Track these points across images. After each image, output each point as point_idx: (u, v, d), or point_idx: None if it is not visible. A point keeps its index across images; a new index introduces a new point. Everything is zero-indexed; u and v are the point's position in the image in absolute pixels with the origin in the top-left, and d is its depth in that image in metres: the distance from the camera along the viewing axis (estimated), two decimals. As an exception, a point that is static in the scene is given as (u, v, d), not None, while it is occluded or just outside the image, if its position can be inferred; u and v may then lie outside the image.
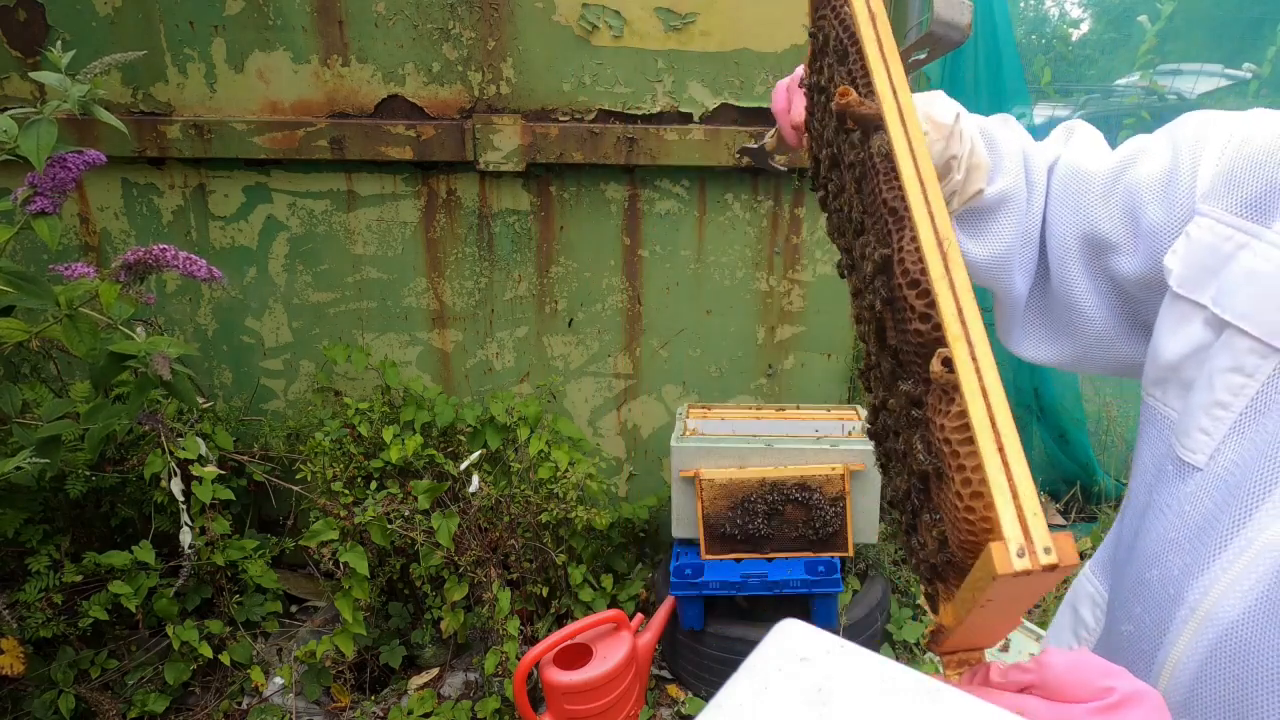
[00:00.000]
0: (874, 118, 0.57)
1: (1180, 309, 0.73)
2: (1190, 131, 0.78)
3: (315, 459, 2.36)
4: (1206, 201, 0.73)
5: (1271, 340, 0.65)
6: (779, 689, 0.52)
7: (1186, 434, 0.71)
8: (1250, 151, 0.70)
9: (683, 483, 2.26)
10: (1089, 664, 0.55)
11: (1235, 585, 0.65)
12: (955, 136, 0.82)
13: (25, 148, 1.15)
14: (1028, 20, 4.42)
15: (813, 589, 2.20)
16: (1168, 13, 3.41)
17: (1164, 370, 0.76)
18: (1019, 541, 0.45)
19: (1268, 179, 0.68)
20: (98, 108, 1.21)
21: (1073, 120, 0.94)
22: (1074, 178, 0.86)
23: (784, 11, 2.32)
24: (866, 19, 0.61)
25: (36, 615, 2.09)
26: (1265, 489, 0.64)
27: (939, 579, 0.58)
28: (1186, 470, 0.71)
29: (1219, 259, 0.70)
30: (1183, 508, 0.71)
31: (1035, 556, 0.44)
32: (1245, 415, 0.67)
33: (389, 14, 2.34)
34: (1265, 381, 0.65)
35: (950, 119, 0.82)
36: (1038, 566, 0.44)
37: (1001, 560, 0.44)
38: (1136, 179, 0.80)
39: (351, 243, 2.59)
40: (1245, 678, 0.63)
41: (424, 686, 2.48)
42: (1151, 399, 0.78)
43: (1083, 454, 3.26)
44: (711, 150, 2.39)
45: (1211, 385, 0.68)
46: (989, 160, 0.84)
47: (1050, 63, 4.10)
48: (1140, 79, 3.65)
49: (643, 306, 2.65)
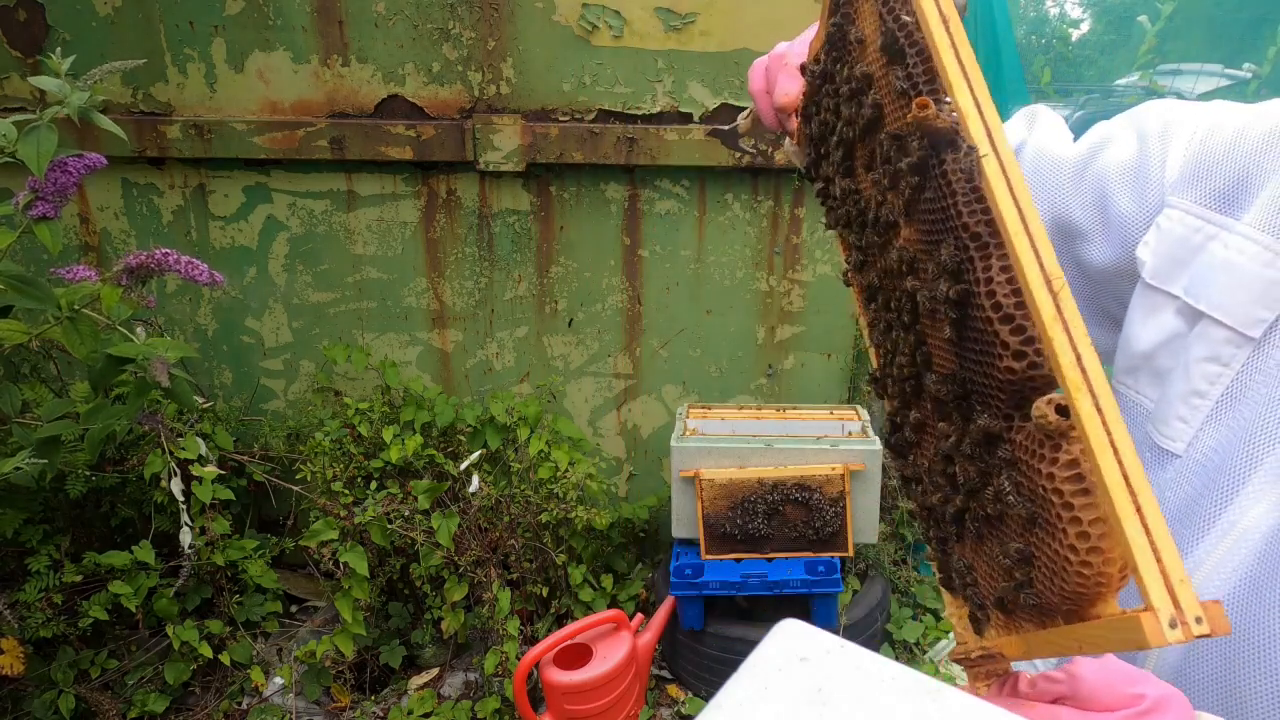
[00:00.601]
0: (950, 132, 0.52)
1: (1152, 299, 0.75)
2: (1155, 121, 0.78)
3: (315, 459, 2.36)
4: (1175, 193, 0.74)
5: (1246, 330, 0.66)
6: (779, 689, 0.52)
7: (1165, 422, 0.73)
8: (1216, 144, 0.72)
9: (683, 483, 2.26)
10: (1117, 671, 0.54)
11: (1220, 567, 0.67)
12: None
13: (25, 155, 1.14)
14: (1028, 20, 4.42)
15: (813, 589, 2.20)
16: (1168, 13, 3.41)
17: (1136, 359, 0.77)
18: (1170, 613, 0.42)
19: (1234, 171, 0.70)
20: (98, 115, 1.21)
21: (1034, 105, 0.93)
22: (1044, 162, 0.87)
23: (784, 11, 2.32)
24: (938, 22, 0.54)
25: (36, 615, 2.09)
26: (1245, 474, 0.66)
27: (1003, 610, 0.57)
28: (1165, 457, 0.73)
29: (1189, 250, 0.71)
30: (1163, 494, 0.72)
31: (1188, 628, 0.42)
32: (1222, 402, 0.69)
33: (389, 14, 2.34)
34: (1240, 369, 0.67)
35: None
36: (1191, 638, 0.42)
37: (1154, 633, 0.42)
38: (1105, 166, 0.81)
39: (351, 243, 2.59)
40: (1232, 657, 0.65)
41: (424, 686, 2.48)
42: (1124, 387, 0.79)
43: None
44: (711, 150, 2.39)
45: (1188, 374, 0.70)
46: None
47: (1050, 63, 4.10)
48: (1140, 79, 3.65)
49: (643, 306, 2.65)
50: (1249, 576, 0.65)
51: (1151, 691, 0.53)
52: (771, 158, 2.40)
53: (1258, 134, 0.70)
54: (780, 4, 2.31)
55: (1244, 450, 0.67)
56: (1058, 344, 0.46)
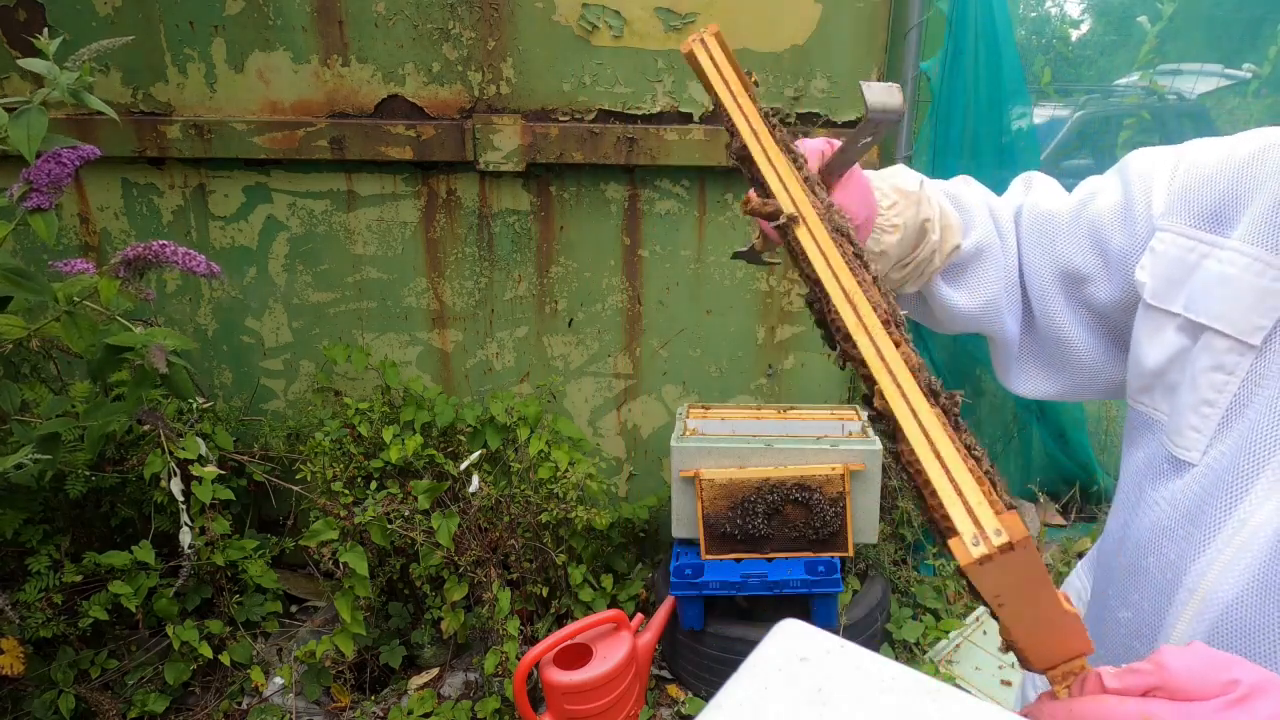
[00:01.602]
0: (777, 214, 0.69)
1: (1154, 319, 0.79)
2: (1136, 166, 0.85)
3: (315, 459, 2.36)
4: (1165, 219, 0.80)
5: (1247, 338, 0.71)
6: (779, 689, 0.52)
7: (1179, 433, 0.76)
8: (1200, 171, 0.78)
9: (683, 483, 2.26)
10: (1207, 657, 0.53)
11: (1231, 566, 0.69)
12: (924, 201, 0.89)
13: (14, 136, 1.14)
14: (1028, 20, 4.42)
15: (813, 589, 2.20)
16: (1168, 13, 3.41)
17: (1148, 378, 0.81)
18: (972, 531, 0.48)
19: (1219, 192, 0.76)
20: (89, 95, 1.20)
21: (1030, 172, 1.01)
22: (1040, 219, 0.93)
23: (784, 11, 2.32)
24: (750, 137, 0.73)
25: (36, 615, 2.09)
26: (1252, 475, 0.69)
27: None
28: (1181, 466, 0.76)
29: (1184, 269, 0.77)
30: (1175, 499, 0.75)
31: (989, 540, 0.47)
32: (1231, 410, 0.72)
33: (389, 14, 2.34)
34: (1245, 376, 0.71)
35: (915, 186, 0.90)
36: (994, 549, 0.47)
37: (962, 554, 0.47)
38: (1098, 212, 0.87)
39: (351, 243, 2.59)
40: (1245, 652, 0.66)
41: (424, 686, 2.48)
42: (1141, 405, 0.83)
43: (1083, 454, 3.26)
44: (711, 150, 2.39)
45: (1196, 385, 0.74)
46: (960, 218, 0.93)
47: (1050, 63, 4.10)
48: (1140, 79, 3.65)
49: (643, 306, 2.65)
50: (1259, 574, 0.67)
51: (1247, 677, 0.52)
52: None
53: (1240, 157, 0.75)
54: (780, 4, 2.31)
55: (1250, 453, 0.70)
56: (861, 344, 0.59)
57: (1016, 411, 3.17)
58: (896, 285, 0.94)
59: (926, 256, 0.91)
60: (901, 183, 0.90)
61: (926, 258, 0.91)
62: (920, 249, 0.90)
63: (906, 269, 0.92)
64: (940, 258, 0.91)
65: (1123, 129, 3.64)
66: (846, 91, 2.40)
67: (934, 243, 0.90)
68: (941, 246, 0.91)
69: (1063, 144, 4.13)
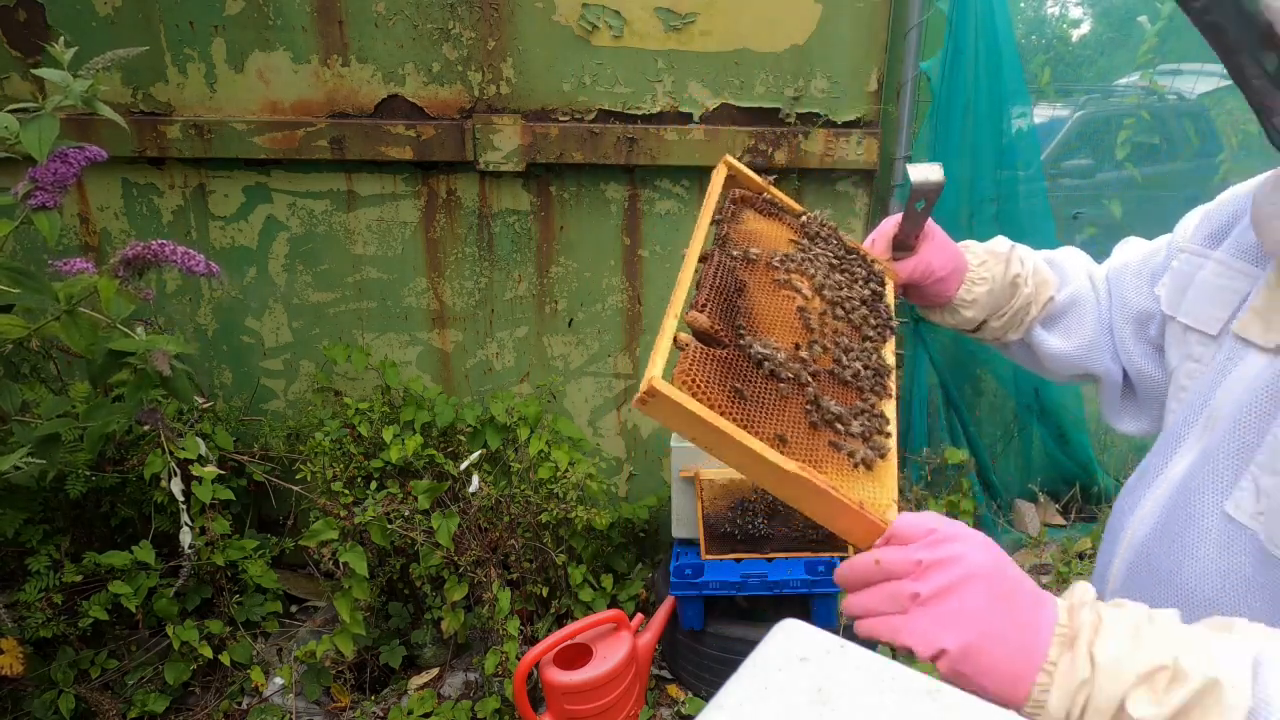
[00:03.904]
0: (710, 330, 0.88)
1: (1172, 329, 0.94)
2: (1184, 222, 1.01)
3: (315, 459, 2.36)
4: (1186, 242, 0.95)
5: (1208, 329, 0.86)
6: (779, 689, 0.52)
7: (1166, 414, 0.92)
8: (1222, 199, 0.93)
9: (683, 483, 2.26)
10: (920, 517, 0.71)
11: (1150, 513, 0.85)
12: (1013, 260, 1.09)
13: (27, 141, 1.14)
14: (1028, 20, 4.42)
15: (813, 589, 2.20)
16: (1168, 13, 3.41)
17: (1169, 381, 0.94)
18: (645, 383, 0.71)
19: (1227, 215, 0.91)
20: (100, 104, 1.21)
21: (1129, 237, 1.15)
22: (1118, 271, 1.09)
23: (784, 11, 2.32)
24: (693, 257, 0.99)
25: (36, 615, 2.09)
26: (1184, 435, 0.84)
27: None
28: None
29: (1186, 280, 0.92)
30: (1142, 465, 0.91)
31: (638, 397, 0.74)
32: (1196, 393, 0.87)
33: (389, 14, 2.34)
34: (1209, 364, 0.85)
35: (1006, 249, 1.10)
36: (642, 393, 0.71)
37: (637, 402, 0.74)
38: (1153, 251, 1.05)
39: (351, 243, 2.59)
40: (1152, 587, 0.82)
41: (424, 686, 2.48)
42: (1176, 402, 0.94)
43: (1083, 454, 3.25)
44: (711, 150, 2.39)
45: (1177, 374, 0.90)
46: (1055, 275, 1.12)
47: (1050, 63, 4.10)
48: (1140, 79, 3.65)
49: (643, 306, 2.65)
50: (1160, 519, 0.83)
51: (942, 527, 0.69)
52: (771, 157, 2.40)
53: (1246, 188, 0.90)
54: (780, 4, 2.31)
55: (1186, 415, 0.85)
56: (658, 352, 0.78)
57: (1017, 412, 3.17)
58: (999, 333, 1.13)
59: (1022, 305, 1.10)
60: (994, 245, 1.11)
61: (1023, 307, 1.10)
62: (1014, 299, 1.09)
63: (1004, 318, 1.10)
64: (1036, 307, 1.10)
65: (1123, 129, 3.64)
66: (846, 91, 2.40)
67: (1027, 294, 1.09)
68: (1037, 297, 1.10)
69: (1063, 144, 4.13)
